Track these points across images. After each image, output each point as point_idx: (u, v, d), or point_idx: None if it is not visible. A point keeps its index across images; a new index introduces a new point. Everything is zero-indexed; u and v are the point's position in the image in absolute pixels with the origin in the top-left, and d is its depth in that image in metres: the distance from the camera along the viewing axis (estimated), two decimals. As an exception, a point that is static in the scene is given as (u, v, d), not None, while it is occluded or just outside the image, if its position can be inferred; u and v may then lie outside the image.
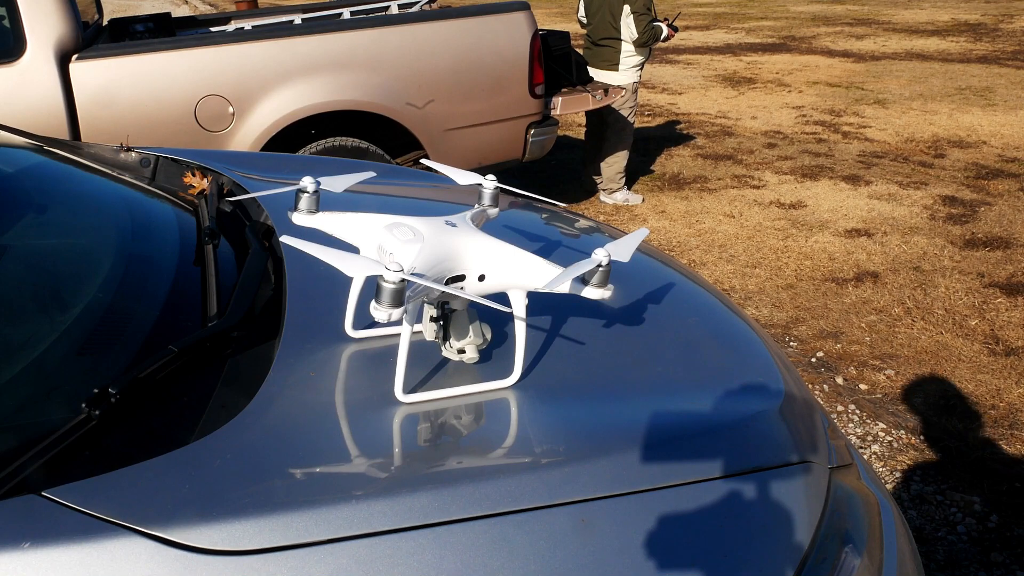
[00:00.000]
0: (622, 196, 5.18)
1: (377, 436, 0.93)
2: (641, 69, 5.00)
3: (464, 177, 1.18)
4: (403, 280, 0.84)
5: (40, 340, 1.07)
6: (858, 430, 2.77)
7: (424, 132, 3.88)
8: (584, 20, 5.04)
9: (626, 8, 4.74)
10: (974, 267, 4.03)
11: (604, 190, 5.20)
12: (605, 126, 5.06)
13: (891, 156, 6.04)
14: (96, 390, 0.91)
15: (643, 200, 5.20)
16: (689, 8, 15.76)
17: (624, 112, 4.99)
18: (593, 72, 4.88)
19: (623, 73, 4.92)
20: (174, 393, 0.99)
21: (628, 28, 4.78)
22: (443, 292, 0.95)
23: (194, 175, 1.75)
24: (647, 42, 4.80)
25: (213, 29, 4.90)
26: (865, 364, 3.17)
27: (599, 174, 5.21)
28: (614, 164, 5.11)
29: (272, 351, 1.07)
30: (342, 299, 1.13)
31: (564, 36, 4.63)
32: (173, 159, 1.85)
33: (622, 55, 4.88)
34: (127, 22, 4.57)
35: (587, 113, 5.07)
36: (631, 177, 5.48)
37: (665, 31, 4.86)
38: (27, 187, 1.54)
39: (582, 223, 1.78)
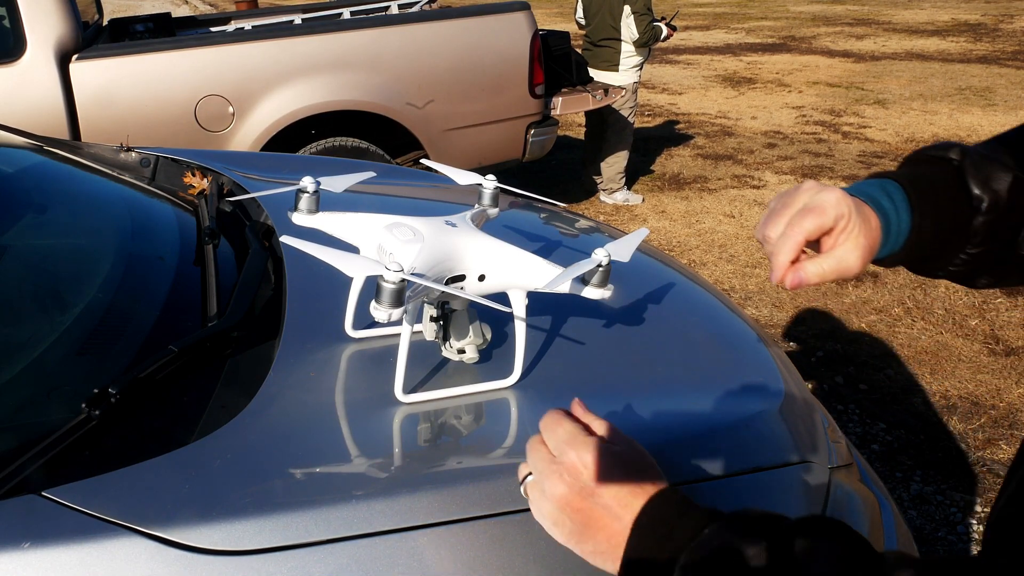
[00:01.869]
0: (622, 196, 5.18)
1: (377, 436, 0.93)
2: (641, 69, 5.00)
3: (464, 177, 1.18)
4: (403, 280, 0.84)
5: (40, 340, 1.07)
6: (858, 430, 2.77)
7: (424, 132, 3.88)
8: (583, 21, 5.04)
9: (626, 8, 4.74)
10: (974, 267, 4.03)
11: (604, 190, 5.21)
12: (605, 126, 5.06)
13: (891, 156, 6.04)
14: (96, 390, 0.91)
15: (643, 200, 5.20)
16: (689, 8, 15.76)
17: (624, 112, 4.99)
18: (593, 73, 4.88)
19: (623, 73, 4.92)
20: (174, 393, 0.99)
21: (628, 28, 4.78)
22: (443, 292, 0.94)
23: (194, 175, 1.75)
24: (647, 42, 4.80)
25: (213, 29, 4.90)
26: (865, 364, 3.17)
27: (599, 174, 5.21)
28: (614, 164, 5.10)
29: (272, 351, 1.07)
30: (342, 299, 1.13)
31: (564, 36, 4.63)
32: (173, 159, 1.84)
33: (622, 55, 4.89)
34: (127, 22, 4.57)
35: (587, 113, 5.07)
36: (631, 177, 5.48)
37: (664, 31, 4.87)
38: (27, 187, 1.54)
39: (582, 223, 1.78)
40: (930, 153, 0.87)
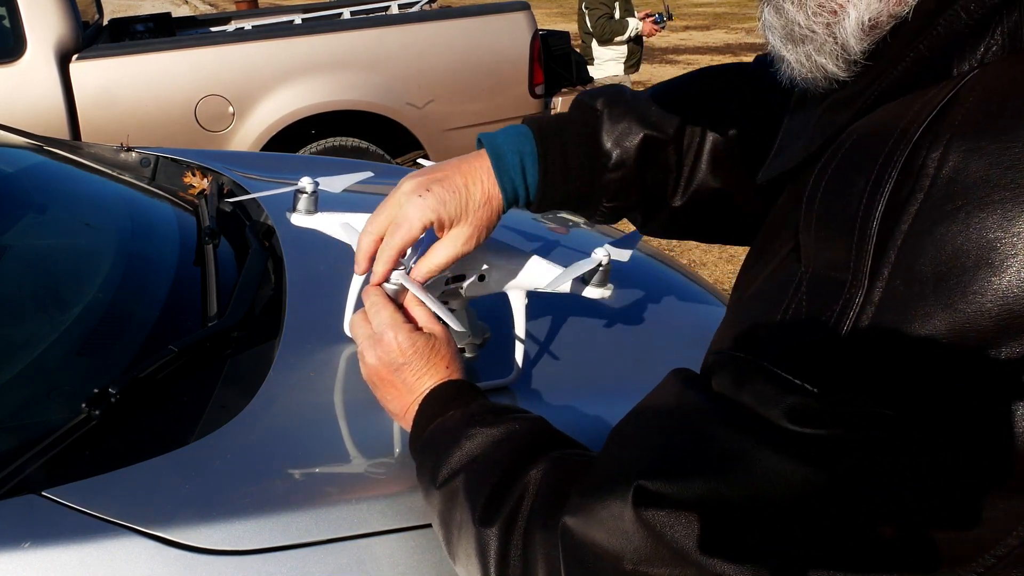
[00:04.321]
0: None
1: (377, 436, 0.93)
2: (623, 64, 5.04)
3: (464, 177, 1.18)
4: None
5: (40, 340, 1.07)
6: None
7: (424, 132, 3.88)
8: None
9: (584, 3, 4.92)
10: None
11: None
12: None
13: (891, 156, 6.04)
14: (96, 390, 0.91)
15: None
16: (689, 8, 15.76)
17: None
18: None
19: (597, 67, 5.01)
20: (174, 393, 0.99)
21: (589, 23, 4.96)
22: (443, 292, 0.95)
23: (194, 175, 1.75)
24: (607, 38, 4.89)
25: (213, 29, 4.91)
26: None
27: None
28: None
29: (272, 351, 1.07)
30: (342, 299, 1.13)
31: (564, 36, 4.64)
32: (173, 159, 1.84)
33: (593, 51, 5.02)
34: (127, 22, 4.58)
35: None
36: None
37: (638, 26, 4.88)
38: (27, 187, 1.55)
39: (582, 223, 1.78)
40: (584, 99, 0.86)
